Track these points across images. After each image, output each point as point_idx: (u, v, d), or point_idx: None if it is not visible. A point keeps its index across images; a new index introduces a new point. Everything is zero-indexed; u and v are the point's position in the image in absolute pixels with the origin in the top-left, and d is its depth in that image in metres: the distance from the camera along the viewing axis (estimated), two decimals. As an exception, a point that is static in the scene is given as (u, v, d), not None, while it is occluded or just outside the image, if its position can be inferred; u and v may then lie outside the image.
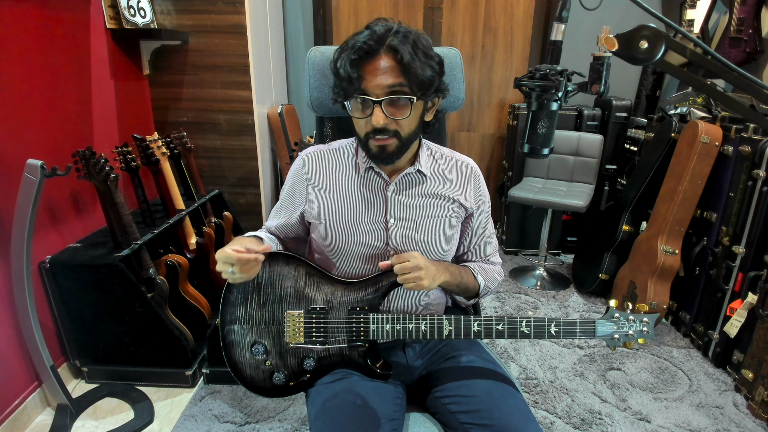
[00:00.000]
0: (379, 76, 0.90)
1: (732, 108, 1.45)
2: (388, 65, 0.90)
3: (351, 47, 0.91)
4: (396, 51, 0.89)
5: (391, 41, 0.89)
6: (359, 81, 0.91)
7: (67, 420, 1.66)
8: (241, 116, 2.50)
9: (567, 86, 0.83)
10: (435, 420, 1.03)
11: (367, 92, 0.91)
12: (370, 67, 0.90)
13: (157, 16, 2.32)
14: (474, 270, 1.12)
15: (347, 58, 0.91)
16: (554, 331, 0.97)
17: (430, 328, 0.98)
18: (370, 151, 0.97)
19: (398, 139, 0.95)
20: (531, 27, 3.14)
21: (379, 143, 0.95)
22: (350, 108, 0.96)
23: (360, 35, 0.92)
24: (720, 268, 2.04)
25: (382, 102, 0.91)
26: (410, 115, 0.93)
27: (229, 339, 1.02)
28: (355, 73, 0.90)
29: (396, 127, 0.94)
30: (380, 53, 0.90)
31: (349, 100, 0.94)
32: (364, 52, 0.90)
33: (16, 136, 1.61)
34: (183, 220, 2.11)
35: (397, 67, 0.90)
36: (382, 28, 0.91)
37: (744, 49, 2.39)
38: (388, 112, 0.92)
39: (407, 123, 0.95)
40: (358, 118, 0.96)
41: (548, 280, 2.77)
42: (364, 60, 0.90)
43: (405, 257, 0.97)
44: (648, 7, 0.74)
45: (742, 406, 1.82)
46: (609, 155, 2.91)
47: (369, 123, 0.93)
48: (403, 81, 0.90)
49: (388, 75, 0.90)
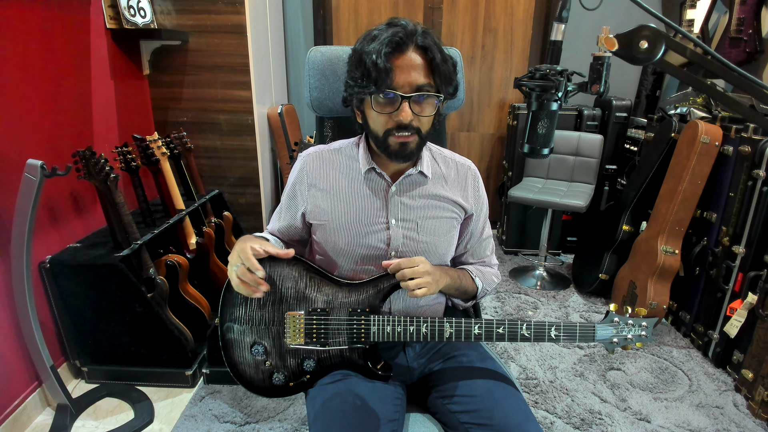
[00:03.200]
0: (410, 73, 0.90)
1: (732, 108, 1.45)
2: (419, 63, 0.91)
3: (383, 41, 0.88)
4: (426, 49, 0.91)
5: (422, 39, 0.90)
6: (389, 75, 0.89)
7: (67, 420, 1.66)
8: (241, 116, 2.50)
9: (567, 86, 0.83)
10: (435, 420, 1.03)
11: (396, 88, 0.90)
12: (400, 62, 0.90)
13: (157, 16, 2.32)
14: (472, 273, 1.12)
15: (381, 50, 0.88)
16: (554, 335, 0.97)
17: (430, 330, 0.98)
18: (389, 147, 0.96)
19: (419, 136, 0.96)
20: (531, 27, 3.14)
21: (401, 140, 0.94)
22: (373, 103, 0.94)
23: (389, 29, 0.90)
24: (720, 268, 2.04)
25: (411, 98, 0.91)
26: (434, 113, 0.95)
27: (228, 339, 1.02)
28: (388, 65, 0.89)
29: (419, 124, 0.95)
30: (410, 49, 0.90)
31: (374, 95, 0.92)
32: (397, 44, 0.89)
33: (16, 136, 1.61)
34: (183, 220, 2.11)
35: (427, 66, 0.91)
36: (408, 24, 0.91)
37: (744, 49, 2.39)
38: (414, 110, 0.92)
39: (428, 121, 0.96)
40: (380, 113, 0.94)
41: (548, 280, 2.77)
42: (395, 54, 0.90)
43: (414, 261, 0.95)
44: (648, 7, 0.74)
45: (742, 406, 1.82)
46: (609, 155, 2.91)
47: (393, 119, 0.93)
48: (431, 80, 0.92)
49: (419, 73, 0.91)
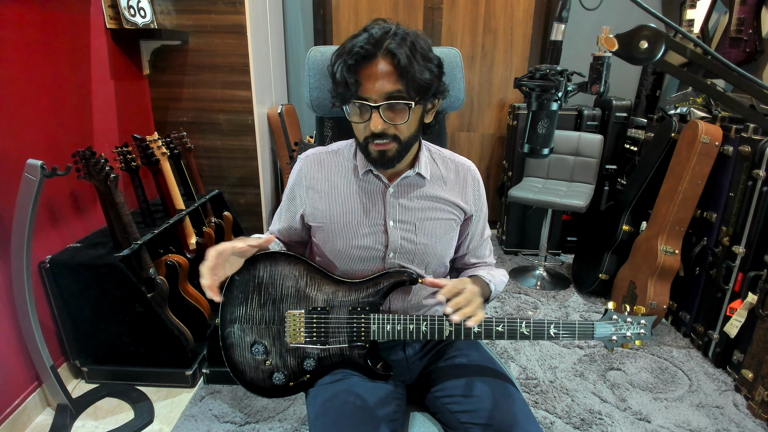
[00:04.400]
0: (376, 82, 0.88)
1: (732, 108, 1.45)
2: (386, 70, 0.88)
3: (348, 52, 0.89)
4: (393, 55, 0.87)
5: (389, 44, 0.88)
6: (357, 86, 0.89)
7: (67, 420, 1.66)
8: (241, 116, 2.50)
9: (567, 86, 0.83)
10: (435, 420, 1.03)
11: (364, 97, 0.90)
12: (367, 72, 0.89)
13: (157, 16, 2.32)
14: (485, 278, 1.11)
15: (344, 63, 0.89)
16: (553, 333, 0.98)
17: (430, 329, 0.98)
18: (370, 155, 0.96)
19: (398, 143, 0.95)
20: (531, 27, 3.14)
21: (378, 148, 0.94)
22: (349, 112, 0.94)
23: (357, 39, 0.90)
24: (720, 268, 2.04)
25: (380, 107, 0.90)
26: (409, 119, 0.92)
27: (228, 339, 1.02)
28: (353, 78, 0.89)
29: (395, 131, 0.93)
30: (378, 57, 0.88)
31: (347, 104, 0.93)
32: (361, 56, 0.88)
33: (16, 136, 1.61)
34: (183, 220, 2.11)
35: (395, 72, 0.88)
36: (379, 30, 0.89)
37: (744, 49, 2.39)
38: (387, 117, 0.91)
39: (406, 127, 0.94)
40: (356, 123, 0.95)
41: (548, 280, 2.77)
42: (361, 65, 0.88)
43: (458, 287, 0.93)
44: (648, 7, 0.74)
45: (742, 406, 1.82)
46: (609, 155, 2.91)
47: (368, 128, 0.92)
48: (400, 86, 0.88)
49: (385, 80, 0.88)
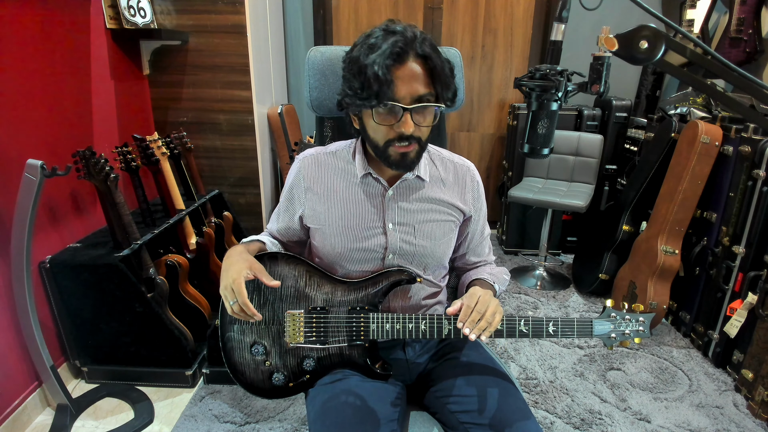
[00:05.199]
0: (411, 84, 0.88)
1: (732, 108, 1.45)
2: (419, 72, 0.88)
3: (384, 52, 0.85)
4: (426, 58, 0.88)
5: (421, 47, 0.88)
6: (390, 87, 0.87)
7: (67, 420, 1.66)
8: (241, 116, 2.50)
9: (567, 86, 0.83)
10: (435, 419, 1.03)
11: (397, 99, 0.88)
12: (400, 72, 0.87)
13: (157, 16, 2.32)
14: (488, 280, 1.10)
15: (382, 62, 0.85)
16: (552, 331, 0.98)
17: (429, 327, 0.98)
18: (389, 157, 0.94)
19: (419, 144, 0.94)
20: (531, 27, 3.14)
21: (401, 150, 0.92)
22: (373, 114, 0.90)
23: (388, 38, 0.87)
24: (720, 268, 2.04)
25: (413, 110, 0.89)
26: (435, 121, 0.94)
27: (228, 339, 1.02)
28: (390, 77, 0.87)
29: (419, 133, 0.93)
30: (410, 59, 0.88)
31: (377, 106, 0.89)
32: (398, 55, 0.86)
33: (16, 136, 1.61)
34: (183, 220, 2.11)
35: (428, 75, 0.89)
36: (406, 30, 0.88)
37: (744, 49, 2.39)
38: (416, 120, 0.90)
39: (428, 130, 0.95)
40: (380, 124, 0.91)
41: (548, 280, 2.77)
42: (395, 66, 0.87)
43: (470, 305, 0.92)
44: (648, 7, 0.74)
45: (742, 406, 1.82)
46: (609, 155, 2.91)
47: (394, 130, 0.91)
48: (432, 90, 0.90)
49: (420, 83, 0.88)
